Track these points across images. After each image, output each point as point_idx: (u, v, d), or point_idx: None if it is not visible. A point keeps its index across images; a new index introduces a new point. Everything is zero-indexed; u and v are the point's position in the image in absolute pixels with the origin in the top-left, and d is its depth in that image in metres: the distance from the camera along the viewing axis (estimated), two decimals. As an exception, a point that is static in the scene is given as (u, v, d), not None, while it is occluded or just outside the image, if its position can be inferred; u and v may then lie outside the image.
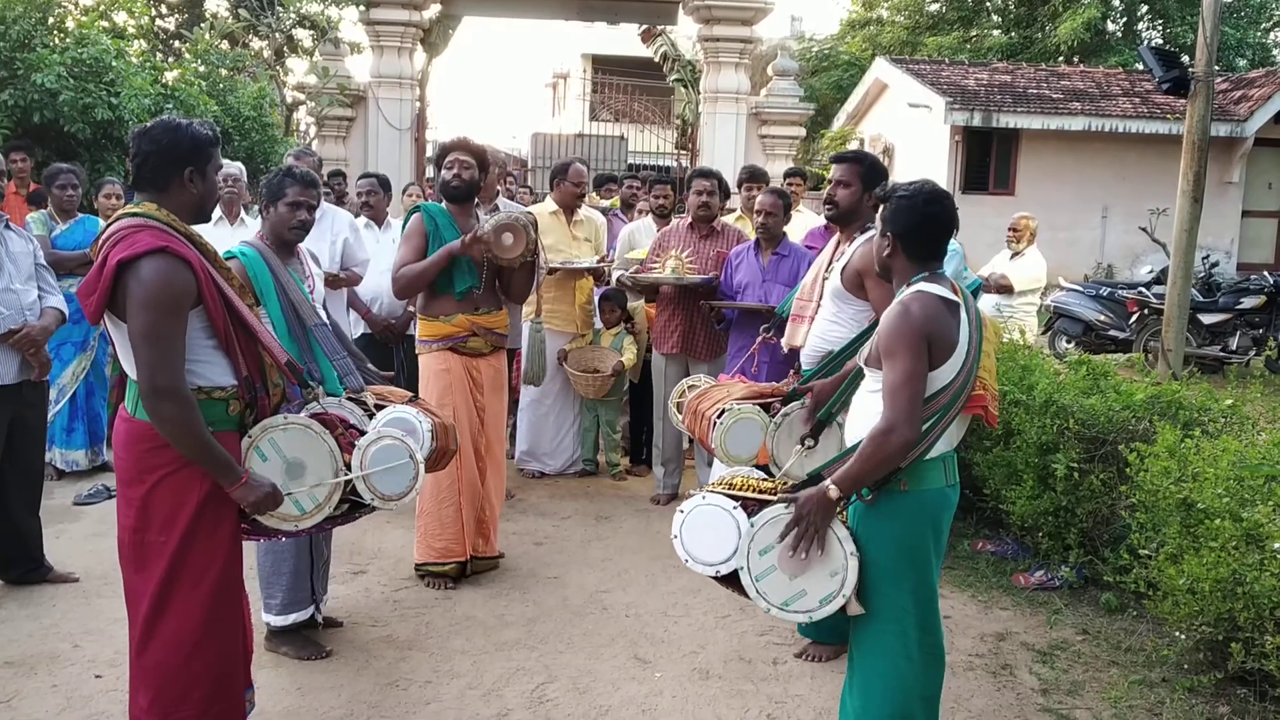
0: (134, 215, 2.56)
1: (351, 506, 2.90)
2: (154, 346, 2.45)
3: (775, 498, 2.70)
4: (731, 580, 2.70)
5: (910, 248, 2.70)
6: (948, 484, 2.71)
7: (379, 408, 3.43)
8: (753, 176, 6.47)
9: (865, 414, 2.71)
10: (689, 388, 4.30)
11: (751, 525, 2.62)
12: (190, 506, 2.56)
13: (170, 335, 2.47)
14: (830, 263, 3.92)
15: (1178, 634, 3.59)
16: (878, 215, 2.80)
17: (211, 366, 2.62)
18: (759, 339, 4.61)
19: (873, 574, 2.64)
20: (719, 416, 3.75)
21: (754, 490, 2.82)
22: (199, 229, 2.71)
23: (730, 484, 2.88)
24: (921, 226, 2.68)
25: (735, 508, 2.68)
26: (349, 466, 2.80)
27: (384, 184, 6.18)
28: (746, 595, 2.65)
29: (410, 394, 3.70)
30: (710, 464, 5.47)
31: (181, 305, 2.49)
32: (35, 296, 4.24)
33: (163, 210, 2.59)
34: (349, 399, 3.44)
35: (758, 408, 3.75)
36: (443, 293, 4.35)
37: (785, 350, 4.21)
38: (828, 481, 2.58)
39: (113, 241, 2.50)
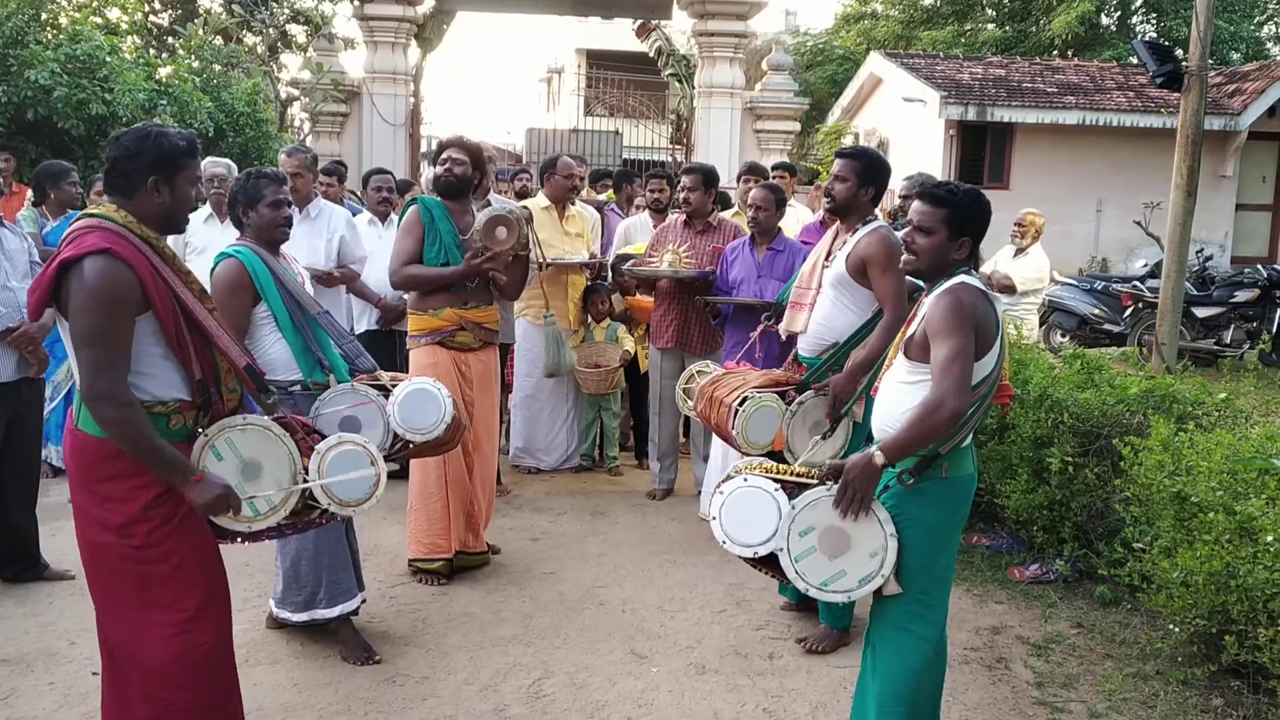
0: (91, 216, 2.52)
1: (311, 510, 2.84)
2: (93, 348, 2.38)
3: (815, 480, 2.73)
4: (767, 562, 2.73)
5: (975, 247, 2.78)
6: (974, 470, 2.82)
7: (394, 386, 3.49)
8: (751, 171, 6.47)
9: (898, 405, 2.74)
10: (698, 373, 4.33)
11: (793, 507, 2.66)
12: (146, 515, 2.49)
13: (111, 338, 2.39)
14: (830, 252, 3.99)
15: (1172, 627, 3.60)
16: (935, 216, 2.73)
17: (155, 380, 2.52)
18: (760, 327, 4.64)
19: (906, 557, 2.69)
20: (740, 404, 3.80)
21: (790, 474, 2.85)
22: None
23: (765, 469, 2.91)
24: (985, 227, 2.77)
25: (777, 490, 2.71)
26: (307, 470, 2.75)
27: (397, 182, 6.33)
28: (783, 577, 2.68)
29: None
30: (705, 459, 5.50)
31: (123, 307, 2.41)
32: (31, 294, 4.23)
33: (122, 213, 2.52)
34: (364, 382, 3.50)
35: (776, 395, 3.83)
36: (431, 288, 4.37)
37: (784, 338, 4.25)
38: (874, 448, 2.63)
39: (66, 241, 2.47)
